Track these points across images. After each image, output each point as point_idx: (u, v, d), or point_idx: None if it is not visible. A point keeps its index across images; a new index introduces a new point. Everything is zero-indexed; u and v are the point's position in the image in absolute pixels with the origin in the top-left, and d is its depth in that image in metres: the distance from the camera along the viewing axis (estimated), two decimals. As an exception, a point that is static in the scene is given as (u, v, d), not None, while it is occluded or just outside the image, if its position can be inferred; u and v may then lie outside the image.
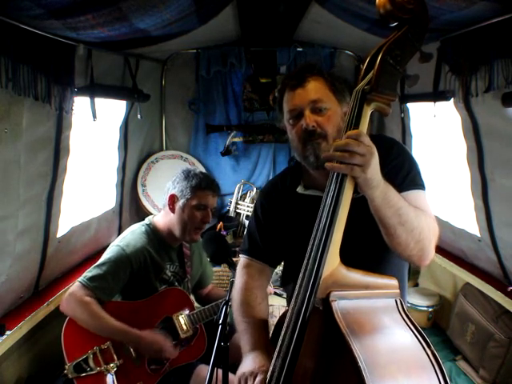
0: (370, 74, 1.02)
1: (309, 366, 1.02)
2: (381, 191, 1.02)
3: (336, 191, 1.00)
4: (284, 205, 1.44)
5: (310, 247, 1.03)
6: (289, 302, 1.37)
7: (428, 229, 1.14)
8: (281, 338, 1.03)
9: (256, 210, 1.53)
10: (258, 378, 1.18)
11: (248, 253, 1.49)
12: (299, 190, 1.42)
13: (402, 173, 1.25)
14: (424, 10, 0.99)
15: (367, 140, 0.98)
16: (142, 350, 1.85)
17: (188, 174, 2.03)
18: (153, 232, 2.05)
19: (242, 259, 1.49)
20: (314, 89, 1.30)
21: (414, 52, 1.01)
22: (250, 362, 1.25)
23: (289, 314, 1.03)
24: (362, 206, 1.14)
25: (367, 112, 1.02)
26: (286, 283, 1.53)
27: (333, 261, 0.99)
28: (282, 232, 1.43)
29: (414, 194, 1.23)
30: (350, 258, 1.02)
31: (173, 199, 2.02)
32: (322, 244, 0.99)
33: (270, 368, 1.05)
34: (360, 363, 0.85)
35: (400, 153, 1.31)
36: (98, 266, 1.89)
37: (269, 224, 1.47)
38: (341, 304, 0.97)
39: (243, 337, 1.34)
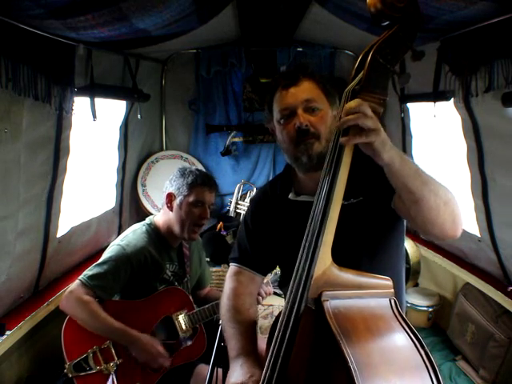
0: (361, 74, 1.02)
1: (302, 366, 1.01)
2: (396, 152, 0.99)
3: (327, 191, 0.99)
4: (276, 212, 1.42)
5: (301, 248, 1.02)
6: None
7: (449, 190, 1.09)
8: (274, 337, 1.03)
9: (246, 218, 1.51)
10: None
11: (238, 261, 1.47)
12: (291, 196, 1.40)
13: None
14: (415, 9, 0.98)
15: (367, 107, 0.96)
16: (137, 352, 1.83)
17: (184, 172, 2.04)
18: (154, 232, 2.05)
19: (231, 267, 1.48)
20: (308, 88, 1.30)
21: (406, 51, 1.00)
22: (238, 372, 1.20)
23: (282, 314, 1.03)
24: (353, 212, 1.14)
25: None
26: (283, 286, 1.52)
27: (324, 260, 0.99)
28: (275, 239, 1.41)
29: None
30: (345, 261, 1.02)
31: (170, 197, 2.03)
32: (314, 244, 0.99)
33: (264, 369, 1.04)
34: (350, 363, 0.84)
35: None
36: (98, 264, 1.89)
37: (259, 232, 1.45)
38: (333, 304, 0.96)
39: (230, 342, 1.30)
